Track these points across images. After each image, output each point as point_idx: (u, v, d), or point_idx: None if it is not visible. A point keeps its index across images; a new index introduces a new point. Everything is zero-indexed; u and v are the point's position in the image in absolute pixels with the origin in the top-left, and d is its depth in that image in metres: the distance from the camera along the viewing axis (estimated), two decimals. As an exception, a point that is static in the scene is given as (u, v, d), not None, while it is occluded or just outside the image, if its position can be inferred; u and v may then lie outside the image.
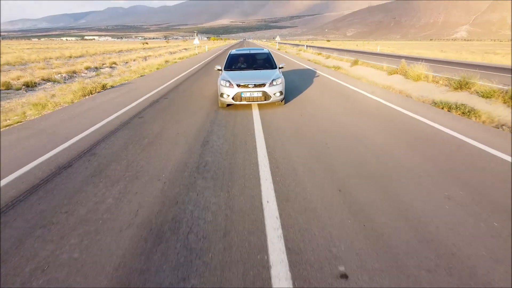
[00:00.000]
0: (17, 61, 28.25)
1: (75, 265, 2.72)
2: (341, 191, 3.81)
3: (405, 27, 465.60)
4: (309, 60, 28.37)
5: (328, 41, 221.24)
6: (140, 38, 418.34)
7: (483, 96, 8.91)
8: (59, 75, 18.36)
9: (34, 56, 34.36)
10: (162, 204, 3.56)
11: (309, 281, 2.52)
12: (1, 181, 4.35)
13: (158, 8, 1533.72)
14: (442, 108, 8.23)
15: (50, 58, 33.41)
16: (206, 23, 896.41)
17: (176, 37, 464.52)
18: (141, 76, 18.04)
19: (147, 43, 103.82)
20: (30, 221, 3.34)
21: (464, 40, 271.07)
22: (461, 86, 10.01)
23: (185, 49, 55.97)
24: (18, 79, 15.47)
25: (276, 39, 60.60)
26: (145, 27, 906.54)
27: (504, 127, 6.47)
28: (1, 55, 30.66)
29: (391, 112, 7.98)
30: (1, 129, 7.48)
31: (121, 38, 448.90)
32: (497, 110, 7.61)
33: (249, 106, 9.38)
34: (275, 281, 2.52)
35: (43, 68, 21.96)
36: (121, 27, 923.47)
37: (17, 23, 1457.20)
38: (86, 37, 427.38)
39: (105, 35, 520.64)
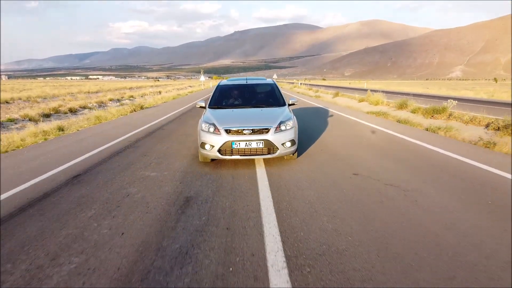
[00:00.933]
0: (42, 95, 30.79)
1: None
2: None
3: (401, 67, 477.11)
4: (298, 93, 37.70)
5: (324, 79, 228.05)
6: (143, 77, 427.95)
7: (412, 111, 14.32)
8: (91, 104, 22.02)
9: (55, 91, 37.70)
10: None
11: None
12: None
13: (161, 49, 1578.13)
14: (373, 114, 14.78)
15: (71, 93, 35.94)
16: (208, 63, 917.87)
17: (178, 76, 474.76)
18: (163, 102, 24.82)
19: (158, 80, 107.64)
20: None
21: (459, 79, 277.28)
22: (401, 107, 15.56)
23: (190, 86, 62.38)
24: (60, 107, 18.66)
25: (273, 76, 62.84)
26: (148, 67, 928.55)
27: (400, 122, 12.20)
28: (23, 92, 33.60)
29: (344, 118, 13.92)
30: (86, 126, 12.52)
31: (125, 77, 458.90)
32: (406, 115, 13.54)
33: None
34: None
35: (72, 100, 24.92)
36: (125, 67, 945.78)
37: (23, 63, 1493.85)
38: (90, 77, 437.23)
39: (108, 75, 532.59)
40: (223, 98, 7.81)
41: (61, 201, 4.51)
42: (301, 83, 68.70)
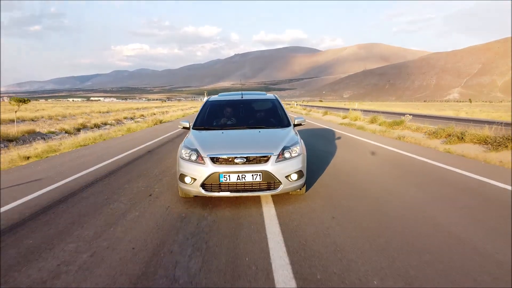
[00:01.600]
0: (61, 114, 33.25)
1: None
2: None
3: (399, 90, 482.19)
4: (292, 111, 42.08)
5: (321, 101, 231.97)
6: (143, 99, 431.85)
7: (379, 124, 18.31)
8: (110, 121, 25.61)
9: (69, 111, 40.20)
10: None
11: None
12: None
13: (162, 71, 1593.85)
14: (342, 125, 20.17)
15: (85, 113, 38.88)
16: (208, 85, 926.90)
17: (178, 98, 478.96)
18: (176, 119, 29.07)
19: (165, 101, 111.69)
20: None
21: (457, 101, 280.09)
22: (372, 121, 19.70)
23: (193, 107, 66.82)
24: (86, 123, 22.03)
25: (272, 98, 65.89)
26: (149, 89, 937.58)
27: (358, 129, 17.46)
28: (39, 111, 37.65)
29: (320, 126, 19.03)
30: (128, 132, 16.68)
31: (125, 99, 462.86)
32: (372, 126, 17.95)
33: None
34: None
35: (90, 118, 28.18)
36: (126, 89, 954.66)
37: (24, 85, 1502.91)
38: (91, 98, 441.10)
39: (110, 96, 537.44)
40: (211, 117, 6.42)
41: (147, 159, 8.83)
42: (297, 104, 74.57)
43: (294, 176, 4.71)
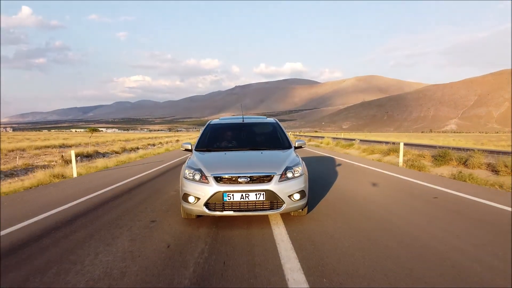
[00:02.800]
0: (78, 143, 38.30)
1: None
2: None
3: (397, 121, 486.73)
4: None
5: (316, 131, 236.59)
6: (145, 130, 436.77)
7: (335, 145, 28.60)
8: (140, 146, 31.85)
9: (86, 140, 46.10)
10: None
11: None
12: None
13: (164, 102, 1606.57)
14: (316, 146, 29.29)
15: (108, 141, 44.22)
16: (209, 116, 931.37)
17: (179, 129, 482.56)
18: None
19: (177, 131, 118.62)
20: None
21: (454, 132, 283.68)
22: (348, 146, 25.13)
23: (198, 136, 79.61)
24: (124, 147, 28.63)
25: (270, 129, 71.18)
26: (151, 119, 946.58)
27: (316, 146, 27.34)
28: (61, 140, 42.75)
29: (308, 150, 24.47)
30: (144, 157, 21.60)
31: (127, 130, 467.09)
32: (329, 145, 29.02)
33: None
34: None
35: (121, 144, 34.29)
36: (127, 119, 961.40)
37: (27, 116, 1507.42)
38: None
39: (112, 127, 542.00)
40: (213, 139, 6.55)
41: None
42: (290, 133, 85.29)
43: (297, 196, 4.89)
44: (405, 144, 15.65)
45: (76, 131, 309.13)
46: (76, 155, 19.36)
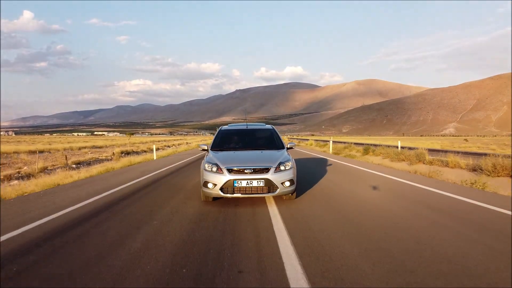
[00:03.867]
0: (91, 145, 42.51)
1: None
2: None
3: (397, 124, 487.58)
4: None
5: (312, 135, 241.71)
6: (146, 134, 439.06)
7: (316, 145, 38.55)
8: (158, 147, 36.26)
9: (108, 142, 51.86)
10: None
11: None
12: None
13: (165, 106, 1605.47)
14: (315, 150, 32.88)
15: (123, 143, 51.17)
16: (210, 120, 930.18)
17: (180, 132, 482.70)
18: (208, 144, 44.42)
19: (179, 134, 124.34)
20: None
21: (453, 135, 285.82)
22: (318, 146, 36.28)
23: (204, 139, 78.73)
24: (148, 148, 35.42)
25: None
26: (151, 123, 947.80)
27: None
28: (89, 143, 47.54)
29: (301, 151, 29.40)
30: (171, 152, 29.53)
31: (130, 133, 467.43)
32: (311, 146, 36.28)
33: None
34: None
35: (138, 146, 39.65)
36: (128, 123, 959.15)
37: (28, 119, 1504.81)
38: (95, 133, 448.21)
39: (113, 131, 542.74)
40: (224, 141, 8.14)
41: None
42: (288, 136, 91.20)
43: (287, 183, 6.50)
44: (374, 145, 20.32)
45: (78, 135, 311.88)
46: (126, 152, 28.27)
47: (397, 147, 19.48)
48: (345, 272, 3.53)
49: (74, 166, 18.45)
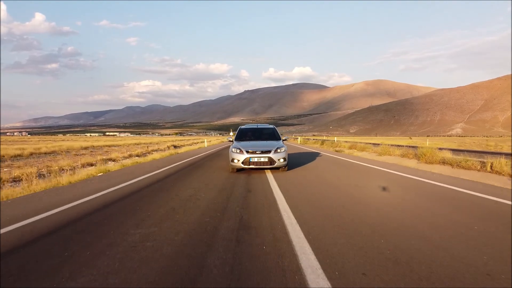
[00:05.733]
0: (107, 145, 46.24)
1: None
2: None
3: (404, 125, 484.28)
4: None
5: (314, 135, 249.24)
6: (156, 134, 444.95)
7: (313, 142, 46.30)
8: (179, 145, 41.53)
9: (116, 142, 57.08)
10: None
11: None
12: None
13: (174, 107, 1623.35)
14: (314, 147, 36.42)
15: (145, 143, 54.71)
16: (219, 121, 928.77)
17: (190, 133, 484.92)
18: (221, 142, 53.45)
19: (189, 135, 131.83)
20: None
21: (460, 136, 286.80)
22: (315, 143, 44.04)
23: (217, 139, 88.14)
24: (168, 146, 36.45)
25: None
26: (161, 124, 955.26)
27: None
28: (113, 142, 53.44)
29: (298, 147, 35.61)
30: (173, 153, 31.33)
31: (139, 134, 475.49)
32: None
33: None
34: None
35: (149, 146, 40.45)
36: (138, 124, 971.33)
37: (39, 120, 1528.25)
38: (107, 133, 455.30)
39: (124, 131, 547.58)
40: (243, 135, 12.01)
41: (220, 155, 22.59)
42: (293, 137, 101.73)
43: (282, 160, 10.21)
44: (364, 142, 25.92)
45: (91, 135, 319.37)
46: (174, 146, 34.75)
47: (398, 145, 21.15)
48: (308, 192, 7.56)
49: (153, 151, 26.48)
